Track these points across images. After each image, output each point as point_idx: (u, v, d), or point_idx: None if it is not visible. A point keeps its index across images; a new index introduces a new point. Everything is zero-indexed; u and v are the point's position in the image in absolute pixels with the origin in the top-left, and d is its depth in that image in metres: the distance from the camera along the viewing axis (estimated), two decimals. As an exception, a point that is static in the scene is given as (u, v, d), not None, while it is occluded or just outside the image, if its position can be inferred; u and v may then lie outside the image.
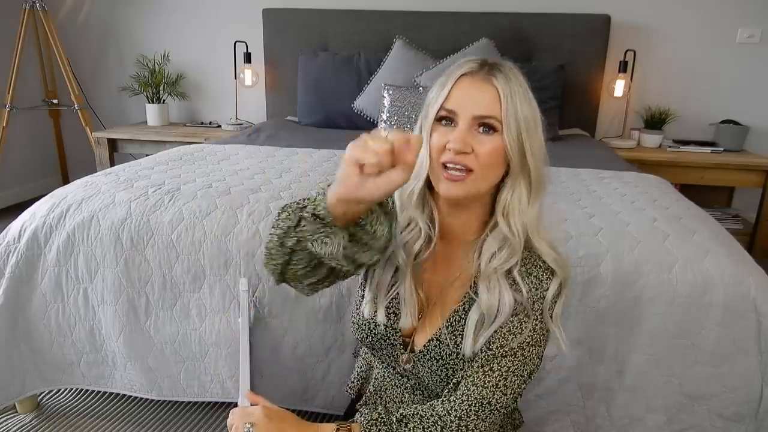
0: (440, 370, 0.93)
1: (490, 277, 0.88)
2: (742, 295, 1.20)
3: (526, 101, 0.86)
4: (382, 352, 1.01)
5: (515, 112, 0.84)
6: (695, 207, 1.61)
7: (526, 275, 0.88)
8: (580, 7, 3.02)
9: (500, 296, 0.87)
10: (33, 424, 1.52)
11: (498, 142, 0.85)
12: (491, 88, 0.85)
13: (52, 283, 1.44)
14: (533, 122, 0.86)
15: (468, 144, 0.84)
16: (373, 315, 0.97)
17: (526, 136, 0.85)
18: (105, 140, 3.14)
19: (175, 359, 1.44)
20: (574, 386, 1.30)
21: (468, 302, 0.92)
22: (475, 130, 0.85)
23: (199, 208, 1.44)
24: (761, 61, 3.00)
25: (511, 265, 0.88)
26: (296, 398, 1.45)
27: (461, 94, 0.86)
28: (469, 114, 0.85)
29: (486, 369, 0.88)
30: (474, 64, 0.87)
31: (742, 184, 2.86)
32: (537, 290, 0.88)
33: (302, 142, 2.47)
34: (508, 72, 0.86)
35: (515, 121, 0.84)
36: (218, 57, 3.45)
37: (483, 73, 0.86)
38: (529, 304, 0.88)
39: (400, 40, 2.97)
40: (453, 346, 0.91)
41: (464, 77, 0.86)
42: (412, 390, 1.03)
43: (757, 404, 1.21)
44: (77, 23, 3.58)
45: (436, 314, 0.95)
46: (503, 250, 0.88)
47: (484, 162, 0.85)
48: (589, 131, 3.13)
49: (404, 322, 0.95)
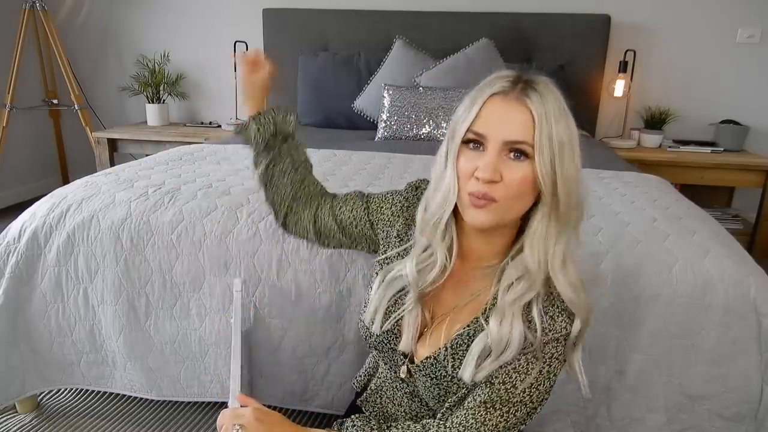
0: (433, 388, 0.91)
1: (504, 311, 0.82)
2: (742, 296, 1.20)
3: (562, 122, 0.79)
4: (384, 355, 1.01)
5: (550, 135, 0.77)
6: (695, 207, 1.61)
7: (544, 314, 0.82)
8: (580, 7, 3.02)
9: (512, 331, 0.81)
10: (33, 424, 1.52)
11: (528, 169, 0.78)
12: (524, 110, 0.78)
13: (52, 283, 1.44)
14: (569, 146, 0.79)
15: (498, 171, 0.78)
16: (371, 324, 0.96)
17: (560, 161, 0.78)
18: (105, 140, 3.15)
19: (175, 359, 1.44)
20: (574, 386, 1.30)
21: (475, 328, 0.88)
22: (505, 155, 0.79)
23: (199, 208, 1.44)
24: (761, 61, 3.00)
25: (528, 300, 0.82)
26: (296, 398, 1.45)
27: (491, 116, 0.79)
28: (500, 139, 0.78)
29: (488, 406, 0.84)
30: (506, 82, 0.80)
31: (742, 184, 2.86)
32: (550, 332, 0.82)
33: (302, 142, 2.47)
34: (543, 90, 0.79)
35: (549, 146, 0.77)
36: (218, 57, 3.45)
37: (516, 92, 0.79)
38: (540, 345, 0.82)
39: (400, 40, 2.97)
40: (451, 369, 0.88)
41: (495, 97, 0.79)
42: (410, 396, 1.02)
43: (757, 404, 1.21)
44: (77, 23, 3.58)
45: (441, 332, 0.91)
46: (521, 281, 0.83)
47: (512, 192, 0.79)
48: (589, 131, 3.13)
49: (404, 344, 0.93)
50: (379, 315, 0.94)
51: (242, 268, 1.36)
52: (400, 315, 0.92)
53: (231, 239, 1.37)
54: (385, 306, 0.94)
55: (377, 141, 2.65)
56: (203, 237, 1.38)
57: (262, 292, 1.36)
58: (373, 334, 0.97)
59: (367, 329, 0.98)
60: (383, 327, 0.94)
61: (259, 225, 1.38)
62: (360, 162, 2.04)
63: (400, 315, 0.92)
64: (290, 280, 1.35)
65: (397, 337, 0.95)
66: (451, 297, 0.92)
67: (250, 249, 1.36)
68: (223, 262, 1.37)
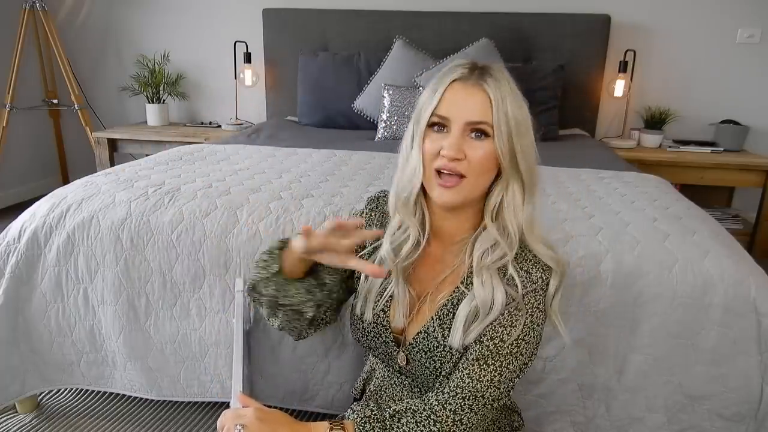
0: (429, 362, 0.95)
1: (483, 273, 0.89)
2: (742, 295, 1.20)
3: (516, 103, 0.87)
4: (379, 350, 1.03)
5: (506, 115, 0.85)
6: (695, 207, 1.61)
7: (519, 269, 0.90)
8: (580, 7, 3.02)
9: (494, 290, 0.88)
10: (33, 424, 1.52)
11: (489, 147, 0.86)
12: (482, 93, 0.86)
13: (52, 283, 1.44)
14: (524, 123, 0.87)
15: (461, 150, 0.86)
16: (363, 312, 1.00)
17: (517, 138, 0.86)
18: (105, 140, 3.15)
19: (175, 359, 1.44)
20: (574, 386, 1.30)
21: (458, 296, 0.93)
22: (467, 135, 0.87)
23: (199, 208, 1.44)
24: (761, 61, 3.00)
25: (505, 263, 0.90)
26: (296, 398, 1.45)
27: (453, 99, 0.87)
28: (462, 120, 0.86)
29: (481, 363, 0.89)
30: (464, 69, 0.88)
31: (742, 184, 2.86)
32: (527, 283, 0.89)
33: (302, 142, 2.47)
34: (498, 75, 0.87)
35: (506, 125, 0.85)
36: (218, 57, 3.46)
37: (474, 78, 0.87)
38: (521, 298, 0.89)
39: (400, 40, 2.97)
40: (441, 338, 0.93)
41: (455, 83, 0.87)
42: (410, 388, 1.04)
43: (757, 404, 1.21)
44: (77, 23, 3.58)
45: (426, 309, 0.97)
46: (496, 248, 0.90)
47: (477, 168, 0.87)
48: (589, 131, 3.13)
49: (398, 322, 0.97)
50: (369, 301, 0.99)
51: (242, 268, 1.36)
52: (389, 294, 0.98)
53: (231, 239, 1.37)
54: (375, 292, 0.99)
55: (377, 141, 2.66)
56: (203, 237, 1.38)
57: (262, 292, 1.36)
58: (364, 322, 1.00)
59: (359, 321, 1.02)
60: (375, 310, 0.99)
61: (259, 225, 1.38)
62: (360, 162, 2.04)
63: (389, 294, 0.98)
64: (290, 280, 1.35)
65: (387, 328, 0.99)
66: (432, 276, 0.97)
67: (250, 249, 1.36)
68: (223, 262, 1.37)
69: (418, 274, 0.99)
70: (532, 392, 1.31)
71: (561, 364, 1.28)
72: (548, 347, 1.28)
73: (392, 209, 0.97)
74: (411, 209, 0.94)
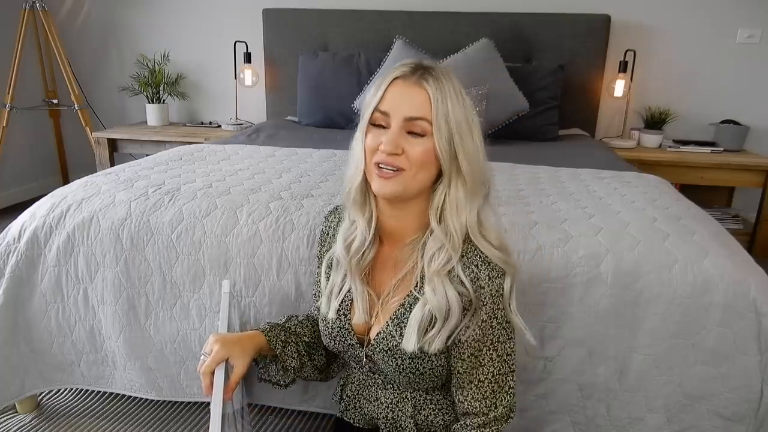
0: (390, 360, 0.98)
1: (433, 279, 0.91)
2: (742, 295, 1.20)
3: (458, 104, 0.88)
4: (346, 353, 1.05)
5: (446, 114, 0.86)
6: (695, 207, 1.61)
7: (466, 269, 0.91)
8: (580, 7, 3.02)
9: (446, 294, 0.90)
10: (33, 424, 1.52)
11: (429, 144, 0.88)
12: (422, 91, 0.87)
13: (52, 283, 1.44)
14: (466, 124, 0.89)
15: (399, 146, 0.87)
16: (326, 313, 1.03)
17: (459, 138, 0.87)
18: (105, 140, 3.14)
19: (175, 359, 1.44)
20: (574, 386, 1.30)
21: (411, 300, 0.95)
22: (407, 132, 0.88)
23: (199, 208, 1.44)
24: (761, 61, 3.00)
25: (451, 266, 0.91)
26: (296, 398, 1.45)
27: (394, 96, 0.89)
28: (401, 115, 0.88)
29: (475, 382, 0.94)
30: (407, 68, 0.90)
31: (742, 184, 2.86)
32: (475, 284, 0.90)
33: (302, 142, 2.47)
34: (440, 75, 0.88)
35: (446, 124, 0.87)
36: (218, 57, 3.45)
37: (415, 77, 0.88)
38: (475, 297, 0.90)
39: (400, 40, 2.97)
40: (398, 337, 0.96)
41: (397, 80, 0.90)
42: (383, 386, 1.06)
43: (757, 404, 1.21)
44: (77, 23, 3.58)
45: (385, 310, 0.99)
46: (441, 252, 0.91)
47: (416, 162, 0.88)
48: (589, 131, 3.13)
49: (358, 318, 1.00)
50: (332, 300, 1.02)
51: (242, 268, 1.36)
52: (348, 293, 1.01)
53: (231, 239, 1.37)
54: (337, 290, 1.02)
55: (377, 141, 2.65)
56: (203, 237, 1.38)
57: (262, 292, 1.36)
58: (329, 325, 1.03)
59: (325, 324, 1.05)
60: (335, 305, 1.02)
61: (259, 225, 1.38)
62: (360, 162, 2.04)
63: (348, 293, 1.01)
64: (290, 280, 1.35)
65: (350, 330, 1.02)
66: (390, 278, 1.00)
67: (250, 249, 1.36)
68: (223, 262, 1.37)
69: (376, 275, 1.01)
70: (532, 392, 1.31)
71: (561, 364, 1.28)
72: (548, 347, 1.28)
73: (343, 205, 1.01)
74: (358, 204, 0.97)
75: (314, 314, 1.19)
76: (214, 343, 1.01)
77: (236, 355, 1.01)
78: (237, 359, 1.01)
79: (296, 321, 1.17)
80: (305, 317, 1.19)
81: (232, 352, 1.01)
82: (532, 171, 1.98)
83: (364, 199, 0.97)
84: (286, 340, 1.10)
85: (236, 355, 1.01)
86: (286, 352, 1.10)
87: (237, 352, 1.02)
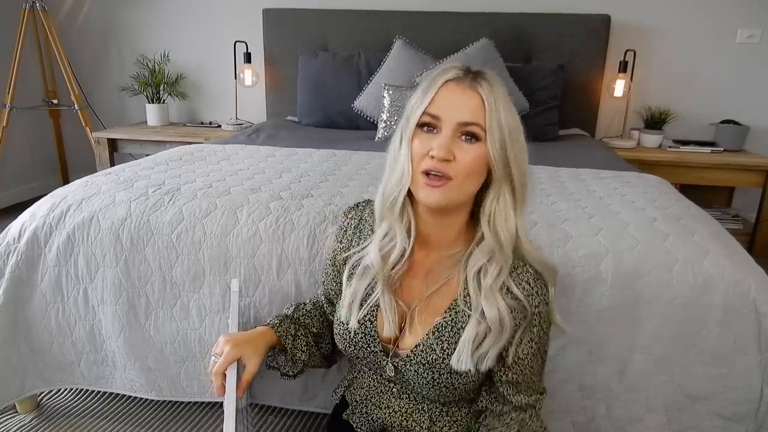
0: (427, 373, 0.95)
1: (489, 294, 0.88)
2: (742, 295, 1.20)
3: (510, 110, 0.86)
4: (366, 360, 1.02)
5: (499, 120, 0.84)
6: (695, 207, 1.61)
7: (518, 282, 0.89)
8: (580, 7, 3.02)
9: (499, 309, 0.88)
10: (33, 424, 1.52)
11: (481, 150, 0.85)
12: (476, 96, 0.84)
13: (52, 283, 1.44)
14: (516, 131, 0.86)
15: (451, 151, 0.84)
16: (348, 320, 0.99)
17: (510, 144, 0.85)
18: (105, 140, 3.15)
19: (175, 359, 1.44)
20: (574, 386, 1.30)
21: (456, 313, 0.93)
22: (458, 137, 0.85)
23: (199, 208, 1.44)
24: (761, 61, 3.00)
25: (503, 278, 0.89)
26: (296, 398, 1.45)
27: (446, 99, 0.85)
28: (454, 120, 0.84)
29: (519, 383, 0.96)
30: (459, 71, 0.87)
31: (742, 184, 2.86)
32: (530, 297, 0.89)
33: (302, 142, 2.47)
34: (491, 80, 0.86)
35: (499, 129, 0.84)
36: (218, 57, 3.46)
37: (468, 80, 0.85)
38: (528, 310, 0.90)
39: (400, 40, 2.97)
40: (440, 351, 0.93)
41: (449, 83, 0.86)
42: (398, 395, 1.03)
43: (757, 404, 1.21)
44: (77, 23, 3.58)
45: (419, 321, 0.96)
46: (492, 263, 0.89)
47: (465, 170, 0.85)
48: (589, 131, 3.13)
49: (387, 331, 0.96)
50: (354, 308, 0.98)
51: (242, 268, 1.36)
52: (375, 302, 0.96)
53: (231, 239, 1.37)
54: (360, 298, 0.98)
55: (377, 141, 2.65)
56: (203, 237, 1.38)
57: (262, 292, 1.36)
58: (351, 332, 0.99)
59: (345, 329, 1.01)
60: (359, 316, 0.97)
61: (259, 225, 1.38)
62: (360, 162, 2.04)
63: (375, 302, 0.96)
64: (290, 280, 1.35)
65: (375, 338, 0.98)
66: (422, 286, 0.96)
67: (250, 249, 1.36)
68: (223, 262, 1.37)
69: (404, 281, 0.97)
70: (532, 392, 1.31)
71: (561, 364, 1.28)
72: (548, 347, 1.28)
73: (378, 215, 0.95)
74: (398, 213, 0.92)
75: (321, 301, 1.17)
76: (225, 344, 1.00)
77: (248, 354, 1.00)
78: (249, 358, 1.00)
79: (304, 311, 1.15)
80: (312, 305, 1.17)
81: (243, 351, 1.00)
82: (532, 171, 1.98)
83: (402, 207, 0.92)
84: (296, 334, 1.09)
85: (248, 354, 1.00)
86: (297, 345, 1.09)
87: (249, 351, 1.00)
